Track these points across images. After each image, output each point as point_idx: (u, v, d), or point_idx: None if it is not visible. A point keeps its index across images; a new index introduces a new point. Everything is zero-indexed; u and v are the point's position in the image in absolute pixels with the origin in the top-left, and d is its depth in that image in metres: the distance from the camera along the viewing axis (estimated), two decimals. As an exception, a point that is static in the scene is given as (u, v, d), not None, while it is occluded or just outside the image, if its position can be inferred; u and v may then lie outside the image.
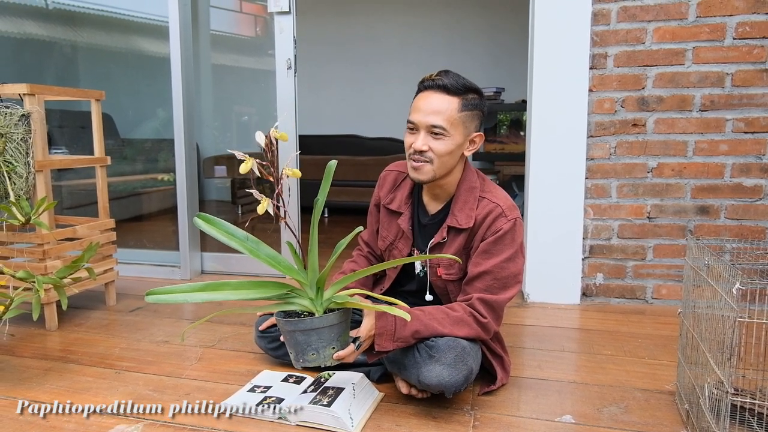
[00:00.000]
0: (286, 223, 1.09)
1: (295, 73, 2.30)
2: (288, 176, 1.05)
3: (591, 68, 1.96)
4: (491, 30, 4.73)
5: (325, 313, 1.13)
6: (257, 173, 1.04)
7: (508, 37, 4.63)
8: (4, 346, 1.62)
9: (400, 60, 4.89)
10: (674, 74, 1.92)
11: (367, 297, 1.28)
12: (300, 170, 1.17)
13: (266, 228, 2.56)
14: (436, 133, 1.20)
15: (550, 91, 1.98)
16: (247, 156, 1.02)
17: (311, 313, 1.14)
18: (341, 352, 1.12)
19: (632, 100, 1.96)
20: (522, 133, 4.59)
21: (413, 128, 1.23)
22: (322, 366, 1.13)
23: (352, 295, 1.16)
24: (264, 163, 1.04)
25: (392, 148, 4.79)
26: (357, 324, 1.22)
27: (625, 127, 1.98)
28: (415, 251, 1.35)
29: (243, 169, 1.00)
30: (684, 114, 1.94)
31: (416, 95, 1.26)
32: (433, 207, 1.34)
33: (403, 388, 1.27)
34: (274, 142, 1.04)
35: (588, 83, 1.96)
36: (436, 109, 1.19)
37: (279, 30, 2.28)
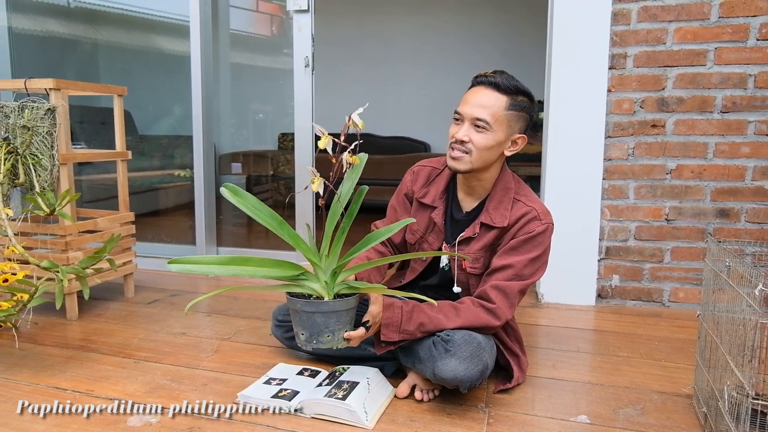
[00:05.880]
0: (323, 202, 1.10)
1: (312, 71, 2.32)
2: (349, 163, 1.09)
3: (610, 68, 1.95)
4: (506, 30, 4.71)
5: (335, 298, 1.15)
6: (330, 151, 1.07)
7: (523, 37, 4.61)
8: (27, 334, 1.66)
9: (415, 60, 4.89)
10: (695, 75, 1.90)
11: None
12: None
13: (290, 216, 2.56)
14: (479, 126, 1.23)
15: (568, 91, 1.97)
16: (324, 132, 1.06)
17: (319, 297, 1.15)
18: (353, 333, 1.16)
19: (652, 101, 1.94)
20: (538, 134, 4.56)
21: (459, 119, 1.26)
22: (334, 348, 1.15)
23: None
24: (338, 141, 1.06)
25: (407, 147, 4.79)
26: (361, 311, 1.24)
27: (644, 128, 1.96)
28: (445, 245, 1.36)
29: (321, 144, 1.05)
30: (705, 115, 1.92)
31: (468, 90, 1.29)
32: (468, 204, 1.36)
33: (402, 392, 1.27)
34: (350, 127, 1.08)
35: (607, 83, 1.94)
36: (483, 104, 1.22)
37: (297, 28, 2.30)
